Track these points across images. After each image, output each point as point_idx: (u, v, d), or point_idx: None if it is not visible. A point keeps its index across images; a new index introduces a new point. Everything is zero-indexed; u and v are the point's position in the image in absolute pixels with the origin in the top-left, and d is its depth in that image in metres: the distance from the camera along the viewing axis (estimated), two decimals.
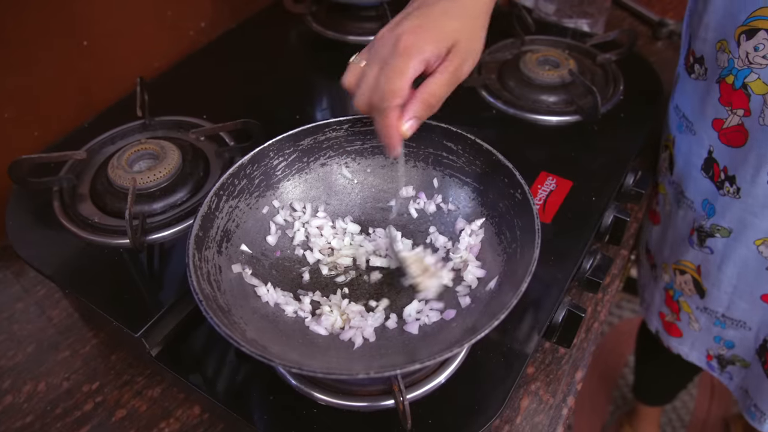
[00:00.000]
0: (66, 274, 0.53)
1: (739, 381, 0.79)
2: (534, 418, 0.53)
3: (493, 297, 0.42)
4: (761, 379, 0.73)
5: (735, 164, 0.60)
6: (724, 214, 0.64)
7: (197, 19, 0.85)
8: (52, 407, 0.56)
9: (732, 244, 0.65)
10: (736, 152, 0.60)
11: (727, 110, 0.58)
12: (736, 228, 0.64)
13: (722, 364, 0.80)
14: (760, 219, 0.61)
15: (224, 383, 0.48)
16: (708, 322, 0.75)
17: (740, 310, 0.71)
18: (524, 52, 0.76)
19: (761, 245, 0.63)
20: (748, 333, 0.72)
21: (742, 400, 0.79)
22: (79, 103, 0.72)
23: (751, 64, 0.54)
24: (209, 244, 0.44)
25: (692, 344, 0.81)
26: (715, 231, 0.66)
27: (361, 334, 0.43)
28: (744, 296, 0.69)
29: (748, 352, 0.75)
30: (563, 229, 0.58)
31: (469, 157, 0.49)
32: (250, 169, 0.48)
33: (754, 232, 0.63)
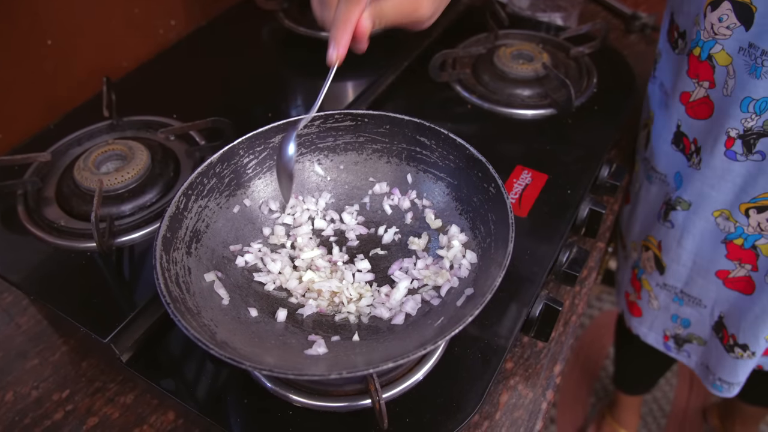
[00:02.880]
0: (32, 281, 0.51)
1: (698, 358, 0.81)
2: (513, 413, 0.53)
3: (468, 295, 0.42)
4: (720, 354, 0.74)
5: (702, 136, 0.61)
6: (686, 186, 0.65)
7: (167, 17, 0.84)
8: (21, 417, 0.54)
9: (691, 217, 0.66)
10: (703, 124, 0.60)
11: (694, 82, 0.59)
12: (695, 201, 0.65)
13: (678, 343, 0.81)
14: (716, 191, 0.62)
15: (198, 387, 0.47)
16: (667, 299, 0.77)
17: (697, 287, 0.72)
18: (498, 47, 0.76)
19: (718, 217, 0.64)
20: (703, 311, 0.74)
21: (704, 376, 0.81)
22: (43, 105, 0.70)
23: (715, 35, 0.54)
24: (178, 245, 0.43)
25: (651, 324, 0.82)
26: (677, 204, 0.67)
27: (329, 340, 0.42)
28: (701, 272, 0.70)
29: (703, 329, 0.76)
30: (539, 223, 0.58)
31: (443, 151, 0.48)
32: (220, 167, 0.47)
33: (711, 204, 0.64)
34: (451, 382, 0.46)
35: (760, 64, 0.52)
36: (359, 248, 0.49)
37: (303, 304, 0.45)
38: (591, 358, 1.51)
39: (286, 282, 0.46)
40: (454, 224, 0.47)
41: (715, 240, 0.66)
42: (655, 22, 0.98)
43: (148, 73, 0.75)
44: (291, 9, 0.81)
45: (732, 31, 0.53)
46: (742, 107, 0.55)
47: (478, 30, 0.80)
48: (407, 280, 0.45)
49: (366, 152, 0.52)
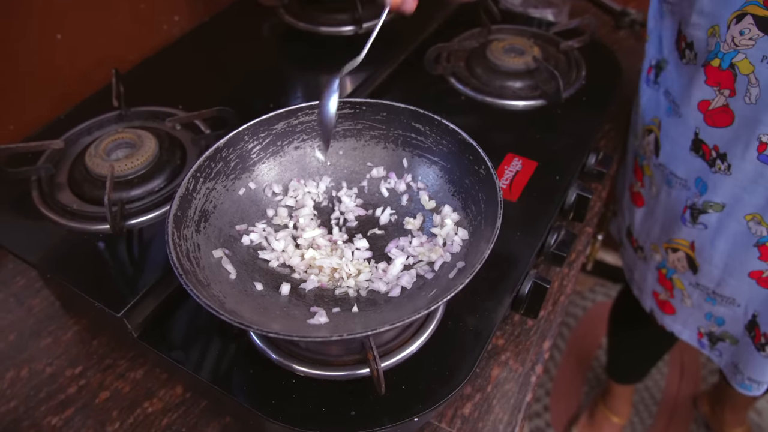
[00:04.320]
0: (48, 261, 0.54)
1: (729, 357, 0.82)
2: (504, 386, 0.56)
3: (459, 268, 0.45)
4: (751, 353, 0.76)
5: (725, 143, 0.64)
6: (716, 190, 0.67)
7: (170, 13, 0.86)
8: (36, 392, 0.57)
9: (725, 219, 0.69)
10: (724, 132, 0.63)
11: (715, 90, 0.62)
12: (729, 203, 0.67)
13: (713, 341, 0.83)
14: (749, 194, 0.65)
15: (205, 360, 0.50)
16: (700, 298, 0.78)
17: (730, 287, 0.74)
18: (491, 41, 0.79)
19: (750, 221, 0.67)
20: (737, 309, 0.76)
21: (732, 375, 0.83)
22: (54, 96, 0.73)
23: (737, 46, 0.57)
24: (188, 224, 0.45)
25: (684, 321, 0.84)
26: (707, 207, 0.69)
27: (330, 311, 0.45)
28: (734, 273, 0.72)
29: (737, 328, 0.78)
30: (529, 207, 0.61)
31: (436, 137, 0.51)
32: (226, 152, 0.50)
33: (744, 207, 0.66)
34: (444, 354, 0.49)
35: None
36: (358, 228, 0.52)
37: (305, 279, 0.48)
38: (584, 349, 1.54)
39: (289, 259, 0.49)
40: (447, 204, 0.50)
41: (747, 243, 0.69)
42: (644, 19, 1.01)
43: (153, 66, 0.78)
44: (291, 5, 0.84)
45: (755, 42, 0.56)
46: None
47: (472, 25, 0.83)
48: (403, 256, 0.48)
49: (364, 138, 0.54)
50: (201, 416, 0.55)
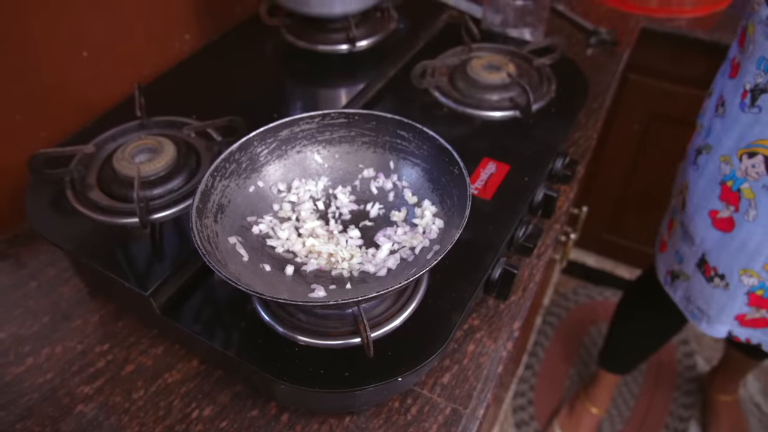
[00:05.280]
0: (82, 249, 0.62)
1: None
2: (479, 359, 0.64)
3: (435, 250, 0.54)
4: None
5: (729, 91, 0.78)
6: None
7: (182, 32, 0.95)
8: (69, 365, 0.65)
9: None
10: (732, 82, 0.77)
11: (738, 49, 0.77)
12: (714, 145, 0.81)
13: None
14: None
15: (220, 332, 0.58)
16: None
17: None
18: (471, 58, 0.88)
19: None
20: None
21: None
22: (79, 108, 0.82)
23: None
24: (207, 214, 0.54)
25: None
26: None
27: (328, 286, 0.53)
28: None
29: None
30: (501, 204, 0.70)
31: (418, 142, 0.60)
32: (239, 155, 0.59)
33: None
34: (424, 326, 0.58)
35: None
36: (351, 220, 0.61)
37: (306, 263, 0.56)
38: (567, 347, 1.62)
39: (292, 246, 0.57)
40: (427, 199, 0.59)
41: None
42: (614, 38, 1.11)
43: (168, 80, 0.87)
44: (292, 25, 0.93)
45: (760, 6, 0.70)
46: (757, 65, 0.71)
47: (455, 44, 0.92)
48: (389, 243, 0.57)
49: (356, 144, 0.63)
50: (215, 385, 0.63)
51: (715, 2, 1.22)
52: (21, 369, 0.64)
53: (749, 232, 0.79)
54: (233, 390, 0.62)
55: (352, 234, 0.59)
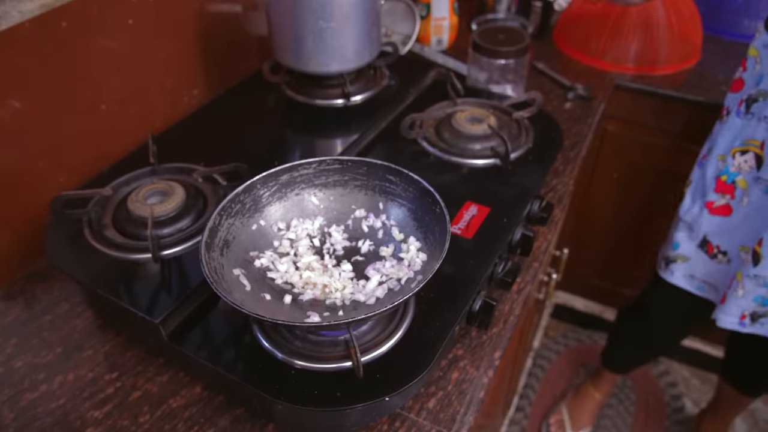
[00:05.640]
0: (98, 281, 0.68)
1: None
2: (462, 386, 0.69)
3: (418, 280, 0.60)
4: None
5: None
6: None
7: (191, 88, 1.04)
8: (80, 391, 0.69)
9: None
10: (737, 96, 0.95)
11: (740, 71, 0.95)
12: (713, 147, 1.01)
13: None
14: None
15: (223, 358, 0.63)
16: None
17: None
18: (456, 111, 0.96)
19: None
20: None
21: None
22: (95, 156, 0.89)
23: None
24: (214, 248, 0.60)
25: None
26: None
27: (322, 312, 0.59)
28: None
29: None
30: (481, 243, 0.76)
31: (405, 185, 0.67)
32: (243, 196, 0.66)
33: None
34: (410, 352, 0.63)
35: None
36: (344, 255, 0.67)
37: (303, 293, 0.62)
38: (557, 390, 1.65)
39: (290, 278, 0.63)
40: (412, 236, 0.65)
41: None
42: (590, 93, 1.20)
43: (178, 130, 0.95)
44: (292, 82, 1.02)
45: (761, 34, 0.90)
46: (756, 80, 0.91)
47: (441, 98, 1.01)
48: (378, 275, 0.63)
49: (349, 187, 0.70)
50: (216, 410, 0.67)
51: (683, 61, 1.32)
52: (35, 395, 0.69)
53: (744, 216, 0.98)
54: (233, 414, 0.67)
55: (344, 268, 0.65)
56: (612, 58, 1.31)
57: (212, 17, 1.04)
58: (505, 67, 1.09)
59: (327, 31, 0.90)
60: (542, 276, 1.12)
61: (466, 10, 1.46)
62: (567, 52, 1.37)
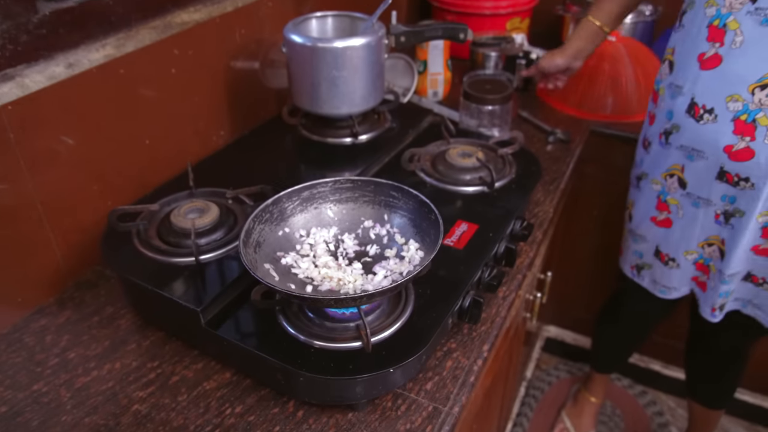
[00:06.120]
0: (147, 280, 0.81)
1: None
2: (455, 372, 0.81)
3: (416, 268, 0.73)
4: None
5: (746, 170, 0.98)
6: (740, 202, 1.04)
7: (219, 129, 1.20)
8: (126, 376, 0.81)
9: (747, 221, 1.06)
10: (749, 164, 0.98)
11: (738, 137, 0.98)
12: (748, 209, 1.04)
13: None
14: None
15: (252, 341, 0.75)
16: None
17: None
18: (449, 148, 1.11)
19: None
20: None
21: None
22: (139, 183, 1.03)
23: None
24: (249, 246, 0.73)
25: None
26: (735, 213, 1.05)
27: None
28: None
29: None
30: (470, 252, 0.89)
31: (406, 199, 0.81)
32: (272, 207, 0.79)
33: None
34: (410, 335, 0.75)
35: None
36: (355, 257, 0.80)
37: (321, 284, 0.75)
38: (550, 418, 1.74)
39: (310, 273, 0.76)
40: (412, 239, 0.79)
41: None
42: (568, 137, 1.36)
43: (208, 163, 1.09)
44: (306, 123, 1.17)
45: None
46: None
47: (436, 138, 1.16)
48: (384, 270, 0.76)
49: (360, 202, 0.84)
50: (244, 390, 0.79)
51: None
52: (88, 379, 0.80)
53: (682, 226, 1.14)
54: (259, 394, 0.78)
55: (355, 266, 0.78)
56: (588, 108, 1.48)
57: (236, 71, 1.20)
58: (491, 113, 1.25)
59: (339, 79, 1.06)
60: (528, 295, 1.25)
61: (458, 66, 1.65)
62: (549, 103, 1.54)
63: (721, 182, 1.03)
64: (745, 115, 0.94)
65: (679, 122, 1.05)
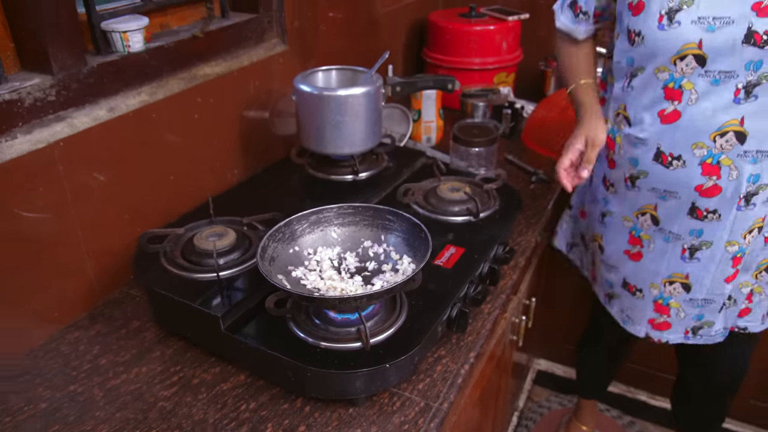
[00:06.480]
0: (173, 291, 0.92)
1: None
2: (444, 374, 0.91)
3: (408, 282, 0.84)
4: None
5: (716, 204, 1.09)
6: (707, 234, 1.13)
7: (233, 168, 1.33)
8: (152, 378, 0.91)
9: (715, 252, 1.15)
10: (717, 199, 1.09)
11: (707, 178, 1.07)
12: (716, 241, 1.13)
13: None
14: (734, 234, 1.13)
15: (266, 342, 0.86)
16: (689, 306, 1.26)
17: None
18: (440, 184, 1.25)
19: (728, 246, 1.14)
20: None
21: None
22: (163, 213, 1.15)
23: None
24: (265, 259, 0.85)
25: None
26: (702, 245, 1.14)
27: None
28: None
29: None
30: (458, 271, 1.01)
31: (400, 222, 0.93)
32: (284, 229, 0.92)
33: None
34: (404, 338, 0.86)
35: None
36: (356, 272, 0.92)
37: (326, 293, 0.86)
38: None
39: (317, 284, 0.88)
40: (405, 255, 0.91)
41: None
42: (549, 177, 1.50)
43: (224, 198, 1.22)
44: (313, 162, 1.31)
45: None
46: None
47: (428, 176, 1.30)
48: (381, 282, 0.87)
49: (360, 225, 0.96)
50: (257, 390, 0.89)
51: None
52: (118, 381, 0.91)
53: (651, 259, 1.21)
54: (271, 393, 0.88)
55: (356, 279, 0.90)
56: None
57: (249, 119, 1.35)
58: (478, 154, 1.40)
59: (342, 123, 1.20)
60: (515, 319, 1.35)
61: (450, 116, 1.81)
62: (532, 148, 1.69)
63: (692, 218, 1.11)
64: (710, 159, 1.05)
65: (647, 169, 1.15)
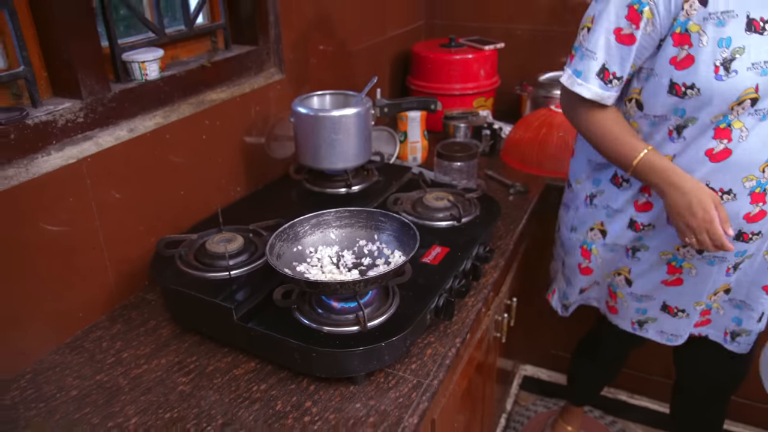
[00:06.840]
0: (189, 287, 1.03)
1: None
2: (433, 357, 1.02)
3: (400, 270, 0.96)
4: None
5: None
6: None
7: (236, 185, 1.45)
8: (171, 367, 1.01)
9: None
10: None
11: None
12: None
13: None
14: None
15: (275, 329, 0.97)
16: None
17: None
18: (426, 194, 1.37)
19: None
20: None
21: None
22: (173, 225, 1.27)
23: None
24: (273, 255, 0.97)
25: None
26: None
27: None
28: None
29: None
30: (444, 267, 1.13)
31: (391, 222, 1.06)
32: (289, 230, 1.04)
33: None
34: (397, 322, 0.97)
35: None
36: (353, 267, 1.04)
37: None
38: None
39: (319, 277, 0.99)
40: (397, 250, 1.03)
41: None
42: (526, 189, 1.63)
43: (230, 210, 1.34)
44: (309, 178, 1.43)
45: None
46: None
47: (415, 188, 1.43)
48: (375, 273, 0.99)
49: (356, 227, 1.08)
50: (267, 374, 0.99)
51: None
52: (140, 370, 1.01)
53: (694, 283, 1.29)
54: (279, 376, 0.99)
55: (353, 273, 1.01)
56: (544, 168, 1.76)
57: (250, 140, 1.47)
58: (460, 168, 1.53)
59: (336, 141, 1.33)
60: (498, 317, 1.47)
61: (434, 138, 1.95)
62: (511, 164, 1.83)
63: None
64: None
65: (604, 188, 1.32)
